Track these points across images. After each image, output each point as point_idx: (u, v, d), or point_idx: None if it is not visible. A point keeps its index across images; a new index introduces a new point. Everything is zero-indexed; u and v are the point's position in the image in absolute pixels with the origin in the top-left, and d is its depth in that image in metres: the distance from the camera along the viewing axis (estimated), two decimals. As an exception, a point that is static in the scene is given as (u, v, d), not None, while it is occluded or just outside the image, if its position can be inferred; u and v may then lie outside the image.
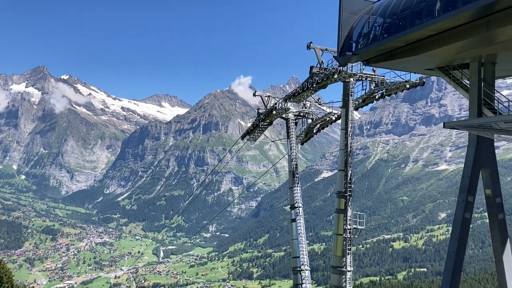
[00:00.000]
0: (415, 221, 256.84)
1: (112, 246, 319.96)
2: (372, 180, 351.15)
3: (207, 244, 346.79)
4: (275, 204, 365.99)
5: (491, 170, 18.05)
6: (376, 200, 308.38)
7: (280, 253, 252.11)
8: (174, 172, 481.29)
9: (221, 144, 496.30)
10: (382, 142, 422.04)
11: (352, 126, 25.56)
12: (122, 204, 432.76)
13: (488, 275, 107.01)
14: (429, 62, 19.78)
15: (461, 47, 16.99)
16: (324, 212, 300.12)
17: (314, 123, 30.87)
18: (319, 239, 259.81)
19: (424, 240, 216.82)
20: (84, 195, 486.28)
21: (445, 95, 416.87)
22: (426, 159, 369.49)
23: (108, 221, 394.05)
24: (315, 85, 25.67)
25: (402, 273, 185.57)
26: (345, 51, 20.56)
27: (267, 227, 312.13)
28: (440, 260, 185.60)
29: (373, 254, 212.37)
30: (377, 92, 27.10)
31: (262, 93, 33.74)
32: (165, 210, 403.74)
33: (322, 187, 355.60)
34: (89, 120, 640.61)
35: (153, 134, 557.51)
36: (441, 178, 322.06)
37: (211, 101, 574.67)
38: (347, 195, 24.32)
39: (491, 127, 15.52)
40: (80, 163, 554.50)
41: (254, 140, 34.33)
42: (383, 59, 20.17)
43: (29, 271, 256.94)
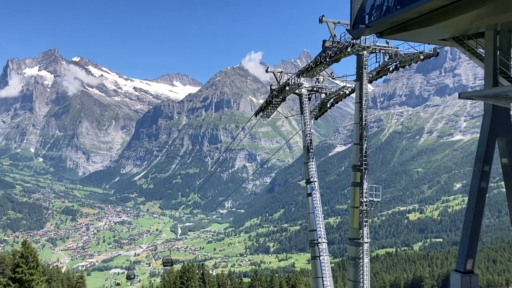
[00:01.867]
0: (430, 192, 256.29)
1: (130, 224, 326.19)
2: (387, 153, 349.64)
3: (224, 220, 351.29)
4: (289, 180, 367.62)
5: (508, 138, 17.96)
6: (390, 173, 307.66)
7: (295, 227, 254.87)
8: (188, 151, 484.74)
9: (234, 121, 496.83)
10: (396, 114, 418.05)
11: (366, 99, 25.51)
12: (139, 184, 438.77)
13: (504, 244, 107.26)
14: (443, 32, 19.52)
15: (476, 15, 16.72)
16: (339, 186, 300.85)
17: (327, 97, 30.78)
18: (334, 212, 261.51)
19: (439, 211, 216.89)
20: (101, 176, 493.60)
21: (459, 65, 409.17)
22: (440, 130, 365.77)
23: (126, 201, 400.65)
24: (328, 59, 25.51)
25: (418, 244, 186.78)
26: (358, 24, 20.36)
27: (282, 202, 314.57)
28: (456, 230, 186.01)
29: (389, 226, 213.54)
30: (391, 64, 26.85)
31: (274, 69, 33.62)
32: (181, 188, 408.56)
33: (336, 162, 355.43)
34: (102, 102, 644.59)
35: (166, 113, 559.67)
36: (456, 149, 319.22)
37: (222, 79, 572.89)
38: (363, 168, 24.45)
39: (507, 96, 15.40)
40: (96, 144, 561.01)
41: (267, 117, 34.36)
42: (396, 31, 19.94)
43: (52, 250, 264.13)
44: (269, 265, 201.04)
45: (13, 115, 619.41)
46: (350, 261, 24.87)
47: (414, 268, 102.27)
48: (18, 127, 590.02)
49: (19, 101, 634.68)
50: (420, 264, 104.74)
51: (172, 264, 57.04)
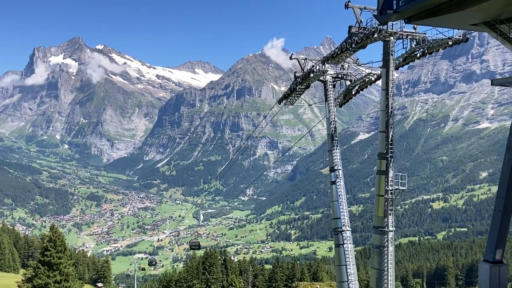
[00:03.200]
0: (455, 181, 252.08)
1: (153, 210, 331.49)
2: (411, 141, 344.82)
3: (245, 207, 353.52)
4: (311, 168, 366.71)
5: (540, 126, 17.49)
6: (414, 161, 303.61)
7: (317, 215, 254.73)
8: (210, 138, 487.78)
9: (255, 109, 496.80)
10: (421, 102, 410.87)
11: (393, 86, 25.12)
12: (162, 170, 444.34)
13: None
14: (474, 17, 18.93)
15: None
16: (361, 174, 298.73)
17: (352, 84, 30.34)
18: (357, 201, 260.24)
19: (464, 200, 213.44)
20: (125, 163, 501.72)
21: (487, 51, 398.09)
22: (466, 118, 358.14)
23: (149, 187, 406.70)
24: (354, 46, 25.06)
25: (442, 233, 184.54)
26: (385, 9, 19.88)
27: (304, 190, 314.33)
28: (482, 220, 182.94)
29: (412, 214, 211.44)
30: (418, 51, 26.22)
31: (297, 56, 33.34)
32: (203, 175, 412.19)
33: (359, 150, 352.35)
34: (126, 89, 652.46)
35: (188, 101, 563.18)
36: (482, 137, 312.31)
37: (244, 66, 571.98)
38: (389, 156, 24.16)
39: (541, 82, 14.93)
40: (119, 132, 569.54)
41: (291, 104, 34.12)
42: (425, 16, 19.40)
43: (78, 235, 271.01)
44: (290, 252, 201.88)
45: (39, 103, 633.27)
46: (374, 249, 24.75)
47: (438, 257, 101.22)
48: (44, 114, 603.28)
49: (45, 89, 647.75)
50: (443, 254, 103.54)
51: (200, 247, 56.34)
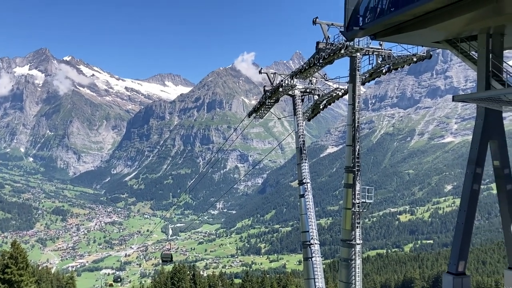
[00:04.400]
0: (421, 194, 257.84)
1: (121, 225, 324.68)
2: (378, 154, 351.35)
3: (215, 221, 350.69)
4: (281, 180, 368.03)
5: (500, 141, 18.13)
6: (382, 174, 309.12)
7: (287, 228, 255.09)
8: (180, 151, 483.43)
9: (226, 122, 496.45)
10: (388, 116, 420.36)
11: (359, 101, 25.59)
12: (130, 184, 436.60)
13: (494, 245, 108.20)
14: (436, 35, 19.65)
15: (469, 19, 16.84)
16: (330, 187, 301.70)
17: (320, 99, 30.83)
18: (326, 214, 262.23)
19: (430, 212, 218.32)
20: (92, 176, 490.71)
21: (450, 67, 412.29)
22: (431, 132, 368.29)
23: (117, 201, 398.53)
24: (322, 61, 25.57)
25: (409, 245, 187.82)
26: (352, 25, 20.40)
27: (274, 203, 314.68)
28: (447, 232, 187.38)
29: (380, 227, 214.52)
30: (384, 66, 26.95)
31: (267, 70, 33.65)
32: (173, 189, 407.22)
33: (328, 163, 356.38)
34: (94, 101, 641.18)
35: (157, 113, 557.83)
36: (447, 151, 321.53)
37: (215, 79, 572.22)
38: (355, 170, 24.52)
39: (500, 99, 15.54)
40: (87, 144, 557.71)
41: (260, 118, 34.37)
42: (390, 33, 20.04)
43: (42, 251, 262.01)
44: (260, 266, 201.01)
45: (3, 114, 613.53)
46: (342, 263, 24.93)
47: (405, 269, 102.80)
48: (8, 126, 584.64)
49: (9, 100, 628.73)
50: (410, 266, 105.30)
51: (172, 260, 52.64)
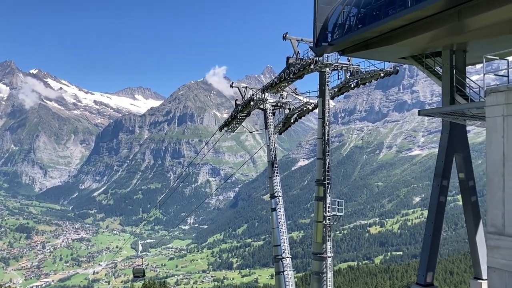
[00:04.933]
0: (390, 206, 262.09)
1: (89, 242, 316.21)
2: (348, 167, 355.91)
3: (186, 236, 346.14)
4: (253, 194, 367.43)
5: (464, 154, 18.69)
6: (352, 187, 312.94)
7: (259, 242, 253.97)
8: (150, 165, 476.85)
9: (197, 135, 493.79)
10: (357, 129, 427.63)
11: (329, 115, 25.99)
12: (98, 199, 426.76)
13: (461, 255, 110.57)
14: (402, 51, 20.24)
15: (433, 36, 17.44)
16: (302, 200, 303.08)
17: (291, 113, 31.21)
18: (298, 227, 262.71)
19: (399, 224, 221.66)
20: (59, 192, 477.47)
21: (416, 82, 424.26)
22: (399, 145, 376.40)
23: (85, 217, 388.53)
24: (292, 76, 25.96)
25: (379, 257, 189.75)
26: (321, 41, 20.80)
27: (246, 217, 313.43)
28: (415, 243, 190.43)
29: (351, 239, 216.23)
30: (352, 81, 27.56)
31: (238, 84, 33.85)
32: (142, 204, 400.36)
33: (299, 176, 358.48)
34: (61, 115, 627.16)
35: (127, 127, 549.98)
36: (414, 163, 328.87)
37: (186, 93, 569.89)
38: (326, 183, 24.79)
39: (463, 113, 16.07)
40: (54, 159, 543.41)
41: (232, 131, 34.48)
42: (358, 49, 20.53)
43: (4, 270, 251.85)
44: (232, 281, 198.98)
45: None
46: (314, 276, 25.02)
47: (376, 281, 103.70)
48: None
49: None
50: (381, 278, 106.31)
51: (144, 275, 51.36)
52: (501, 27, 15.99)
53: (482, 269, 18.15)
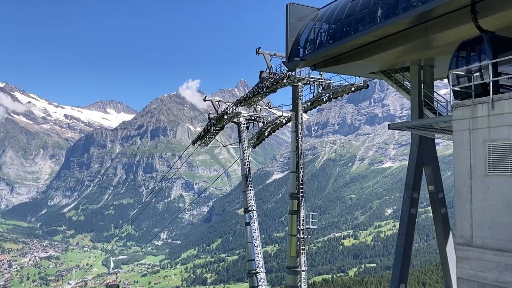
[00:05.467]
0: (363, 218, 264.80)
1: (58, 260, 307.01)
2: (322, 180, 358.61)
3: (159, 252, 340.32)
4: (227, 208, 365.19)
5: (433, 167, 19.12)
6: (325, 199, 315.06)
7: (233, 257, 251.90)
8: (122, 180, 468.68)
9: (170, 149, 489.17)
10: (330, 142, 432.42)
11: (302, 129, 26.22)
12: (68, 216, 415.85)
13: (433, 266, 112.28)
14: (372, 66, 20.69)
15: (402, 51, 17.90)
16: (276, 213, 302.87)
17: (265, 126, 31.36)
18: (272, 240, 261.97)
19: (372, 236, 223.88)
20: (26, 208, 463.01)
21: (387, 96, 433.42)
22: (371, 158, 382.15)
23: (53, 234, 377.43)
24: (265, 90, 26.17)
25: (353, 270, 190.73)
26: (293, 56, 21.08)
27: (220, 231, 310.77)
28: (389, 255, 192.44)
29: (325, 252, 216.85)
30: (324, 95, 27.97)
31: (212, 97, 33.82)
32: (114, 220, 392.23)
33: (274, 189, 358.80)
34: (30, 130, 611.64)
35: (98, 141, 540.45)
36: (386, 175, 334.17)
37: (158, 106, 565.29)
38: (300, 196, 24.89)
39: (432, 127, 16.48)
40: (21, 175, 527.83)
41: (205, 145, 34.37)
42: (329, 64, 20.90)
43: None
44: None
45: None
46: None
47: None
48: None
49: None
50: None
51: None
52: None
53: (452, 280, 18.48)
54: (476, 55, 13.98)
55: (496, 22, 14.76)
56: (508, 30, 15.17)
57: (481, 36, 13.91)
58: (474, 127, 11.08)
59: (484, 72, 13.05)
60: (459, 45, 14.42)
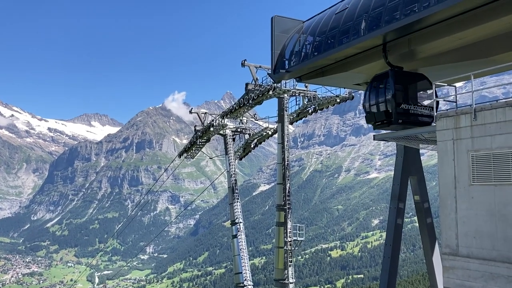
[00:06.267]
0: (350, 229, 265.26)
1: (41, 276, 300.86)
2: (308, 191, 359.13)
3: (145, 266, 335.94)
4: (214, 221, 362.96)
5: (419, 177, 19.28)
6: (312, 211, 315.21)
7: (220, 270, 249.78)
8: (107, 194, 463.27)
9: (156, 162, 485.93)
10: (316, 154, 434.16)
11: (288, 140, 26.30)
12: (52, 230, 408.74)
13: (420, 276, 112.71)
14: (357, 78, 20.90)
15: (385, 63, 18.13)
16: (263, 225, 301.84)
17: (251, 138, 31.37)
18: (259, 253, 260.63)
19: (359, 247, 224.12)
20: (8, 223, 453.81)
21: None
22: (357, 168, 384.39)
23: (37, 249, 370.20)
24: (251, 102, 26.23)
25: (341, 281, 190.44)
26: (278, 68, 21.20)
27: (207, 244, 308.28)
28: (376, 265, 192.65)
29: (312, 264, 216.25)
30: (310, 107, 28.12)
31: (198, 109, 33.78)
32: (99, 234, 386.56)
33: (260, 201, 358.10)
34: (12, 143, 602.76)
35: (83, 155, 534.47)
36: (372, 186, 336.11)
37: (144, 119, 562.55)
38: (286, 208, 24.85)
39: (416, 137, 16.64)
40: (3, 189, 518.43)
41: (192, 158, 34.22)
42: (314, 76, 21.05)
43: None
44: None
45: None
46: (276, 303, 24.71)
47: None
48: None
49: None
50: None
51: None
52: (448, 55, 16.86)
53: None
54: (383, 88, 16.74)
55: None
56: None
57: (388, 72, 16.58)
58: (458, 137, 11.23)
59: (388, 101, 16.21)
60: (372, 77, 17.28)
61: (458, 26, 14.57)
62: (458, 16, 14.16)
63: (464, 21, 14.31)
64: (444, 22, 14.61)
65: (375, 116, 17.13)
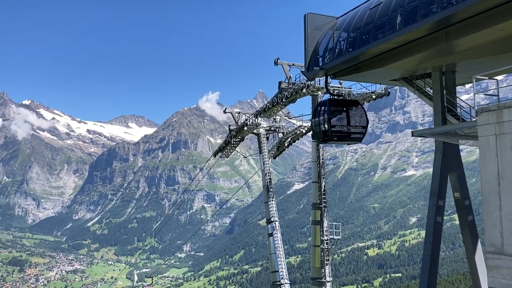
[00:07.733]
0: (387, 227, 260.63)
1: (83, 273, 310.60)
2: (343, 189, 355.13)
3: (182, 264, 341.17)
4: (249, 219, 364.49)
5: (459, 174, 18.75)
6: (348, 209, 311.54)
7: (256, 269, 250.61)
8: (144, 193, 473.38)
9: (191, 162, 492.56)
10: (351, 151, 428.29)
11: (323, 138, 26.06)
12: (93, 229, 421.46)
13: (460, 275, 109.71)
14: (393, 73, 20.49)
15: (423, 58, 17.71)
16: (298, 224, 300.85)
17: (285, 137, 31.27)
18: (295, 251, 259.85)
19: (397, 245, 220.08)
20: (52, 223, 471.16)
21: (408, 103, 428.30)
22: (394, 166, 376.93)
23: (79, 248, 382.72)
24: (285, 100, 26.17)
25: (378, 280, 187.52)
26: (312, 66, 21.03)
27: (242, 243, 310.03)
28: (414, 264, 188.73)
29: (349, 263, 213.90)
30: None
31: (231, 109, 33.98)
32: (137, 233, 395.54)
33: (295, 199, 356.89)
34: (54, 145, 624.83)
35: (121, 155, 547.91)
36: (409, 184, 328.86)
37: (179, 119, 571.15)
38: (322, 206, 24.68)
39: (456, 133, 16.20)
40: (47, 190, 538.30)
41: (226, 157, 34.48)
42: (349, 72, 20.78)
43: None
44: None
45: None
46: (313, 302, 24.60)
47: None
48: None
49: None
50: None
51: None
52: (487, 48, 16.30)
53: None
54: (323, 112, 20.69)
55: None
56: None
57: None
58: (501, 132, 10.84)
59: (326, 122, 20.55)
60: (318, 102, 22.82)
61: (501, 17, 14.02)
62: (501, 6, 13.63)
63: (506, 11, 13.76)
64: (484, 14, 14.11)
65: (317, 134, 21.41)
